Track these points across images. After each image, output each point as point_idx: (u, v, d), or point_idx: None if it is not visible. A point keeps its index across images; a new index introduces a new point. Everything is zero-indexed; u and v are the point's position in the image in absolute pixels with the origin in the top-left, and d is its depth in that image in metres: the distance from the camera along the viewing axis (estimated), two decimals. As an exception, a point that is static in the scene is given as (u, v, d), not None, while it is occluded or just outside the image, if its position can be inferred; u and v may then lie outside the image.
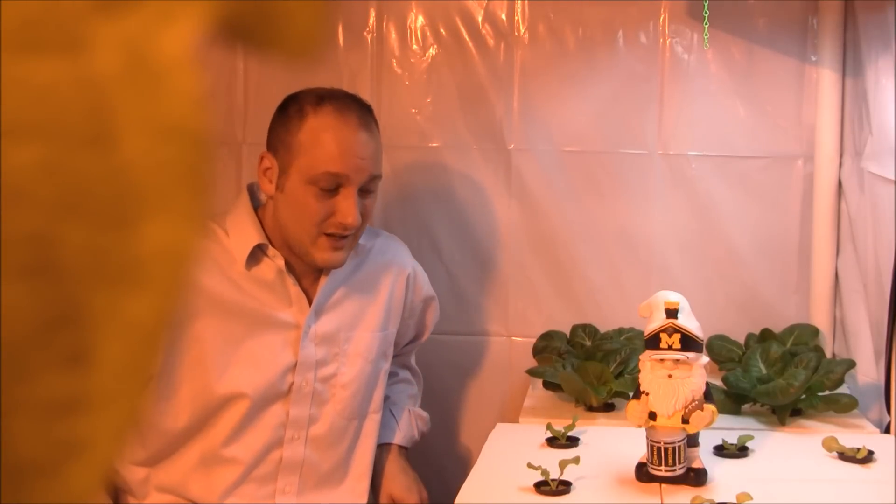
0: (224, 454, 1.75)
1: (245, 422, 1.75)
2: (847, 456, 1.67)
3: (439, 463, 2.23)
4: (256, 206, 1.80)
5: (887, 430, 1.89)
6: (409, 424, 1.98)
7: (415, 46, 2.27)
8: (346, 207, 1.70)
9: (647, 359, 1.53)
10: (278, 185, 1.74)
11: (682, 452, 1.53)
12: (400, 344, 1.98)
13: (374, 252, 1.88)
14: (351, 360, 1.82)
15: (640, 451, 1.56)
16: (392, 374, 2.02)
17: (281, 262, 1.76)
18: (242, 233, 1.76)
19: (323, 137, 1.70)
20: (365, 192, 1.74)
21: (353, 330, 1.83)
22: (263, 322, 1.75)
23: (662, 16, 2.22)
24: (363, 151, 1.71)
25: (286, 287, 1.77)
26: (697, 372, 1.51)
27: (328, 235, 1.72)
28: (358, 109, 1.74)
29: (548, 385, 2.04)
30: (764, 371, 1.95)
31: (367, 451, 1.87)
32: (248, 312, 1.75)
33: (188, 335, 1.72)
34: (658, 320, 1.52)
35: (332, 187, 1.70)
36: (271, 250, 1.76)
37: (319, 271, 1.80)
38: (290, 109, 1.74)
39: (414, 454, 1.99)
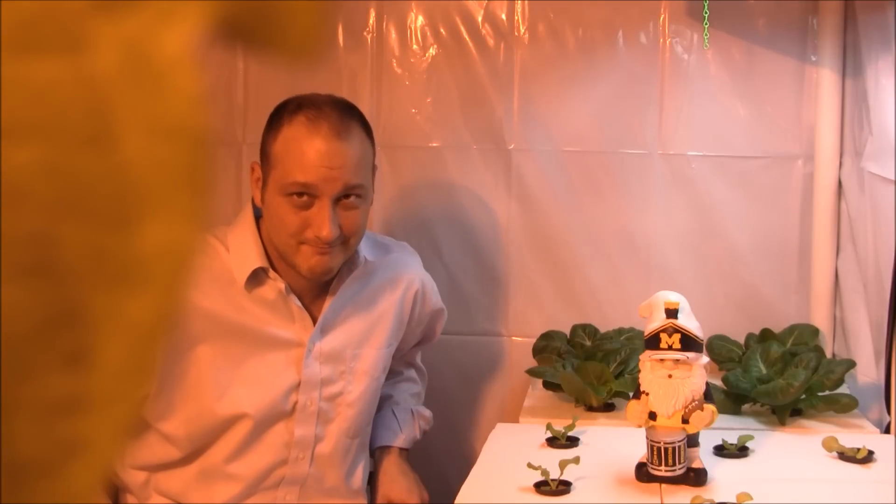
0: (226, 470, 1.74)
1: (248, 441, 1.73)
2: (847, 456, 1.67)
3: (439, 463, 2.23)
4: (260, 214, 1.77)
5: (887, 430, 1.89)
6: (412, 426, 1.97)
7: (415, 46, 2.27)
8: (320, 220, 1.64)
9: (647, 359, 1.53)
10: (262, 197, 1.71)
11: (682, 452, 1.53)
12: (404, 348, 1.97)
13: (381, 269, 1.84)
14: (358, 378, 1.80)
15: (640, 451, 1.56)
16: (397, 373, 2.01)
17: (282, 285, 1.72)
18: (243, 252, 1.73)
19: (293, 148, 1.65)
20: (346, 202, 1.67)
21: (360, 347, 1.80)
22: (265, 341, 1.73)
23: (662, 16, 2.22)
24: (335, 161, 1.64)
25: (288, 305, 1.74)
26: (697, 372, 1.51)
27: (310, 244, 1.67)
28: (336, 117, 1.67)
29: (548, 385, 2.04)
30: (764, 371, 1.95)
31: (364, 464, 1.87)
32: (248, 331, 1.72)
33: (187, 357, 1.70)
34: (658, 320, 1.52)
35: (305, 199, 1.65)
36: (272, 273, 1.72)
37: (325, 290, 1.77)
38: (273, 119, 1.70)
39: (414, 454, 1.99)
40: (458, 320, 2.25)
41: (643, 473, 1.55)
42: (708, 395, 1.53)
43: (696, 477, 1.54)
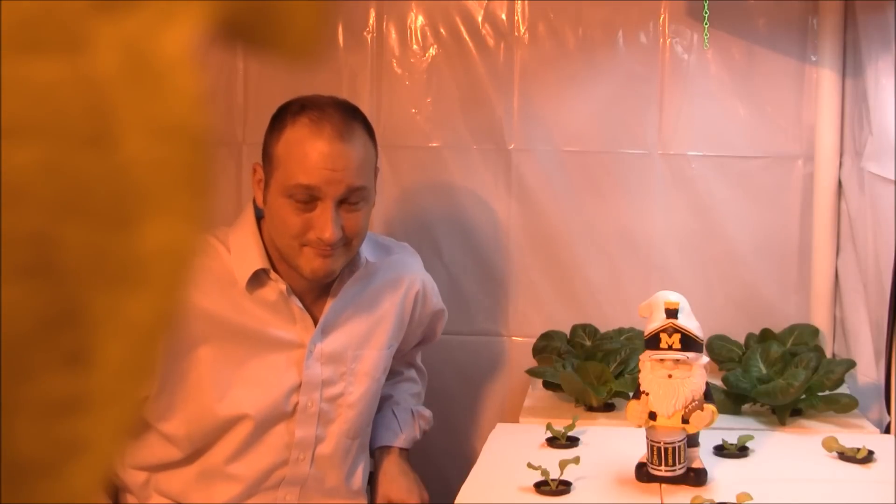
0: (227, 471, 1.74)
1: (249, 441, 1.73)
2: (847, 456, 1.67)
3: (439, 463, 2.23)
4: (261, 215, 1.77)
5: (887, 430, 1.89)
6: (412, 426, 1.97)
7: (415, 46, 2.27)
8: (323, 222, 1.64)
9: (647, 359, 1.53)
10: (264, 198, 1.71)
11: (682, 452, 1.53)
12: (405, 349, 1.97)
13: (382, 270, 1.84)
14: (359, 379, 1.80)
15: (640, 451, 1.56)
16: (397, 373, 2.01)
17: (283, 286, 1.72)
18: (245, 253, 1.73)
19: (296, 149, 1.65)
20: (349, 204, 1.67)
21: (361, 349, 1.80)
22: (266, 342, 1.73)
23: (662, 16, 2.22)
24: (338, 163, 1.64)
25: (289, 306, 1.74)
26: (697, 372, 1.51)
27: (312, 246, 1.67)
28: (339, 118, 1.66)
29: (548, 385, 2.04)
30: (764, 371, 1.95)
31: (364, 465, 1.87)
32: (249, 333, 1.72)
33: (187, 357, 1.69)
34: (658, 320, 1.52)
35: (307, 200, 1.65)
36: (273, 274, 1.72)
37: (326, 291, 1.77)
38: (276, 120, 1.70)
39: (414, 454, 1.99)
40: (458, 320, 2.25)
41: (643, 473, 1.55)
42: (708, 395, 1.53)
43: (696, 477, 1.54)
